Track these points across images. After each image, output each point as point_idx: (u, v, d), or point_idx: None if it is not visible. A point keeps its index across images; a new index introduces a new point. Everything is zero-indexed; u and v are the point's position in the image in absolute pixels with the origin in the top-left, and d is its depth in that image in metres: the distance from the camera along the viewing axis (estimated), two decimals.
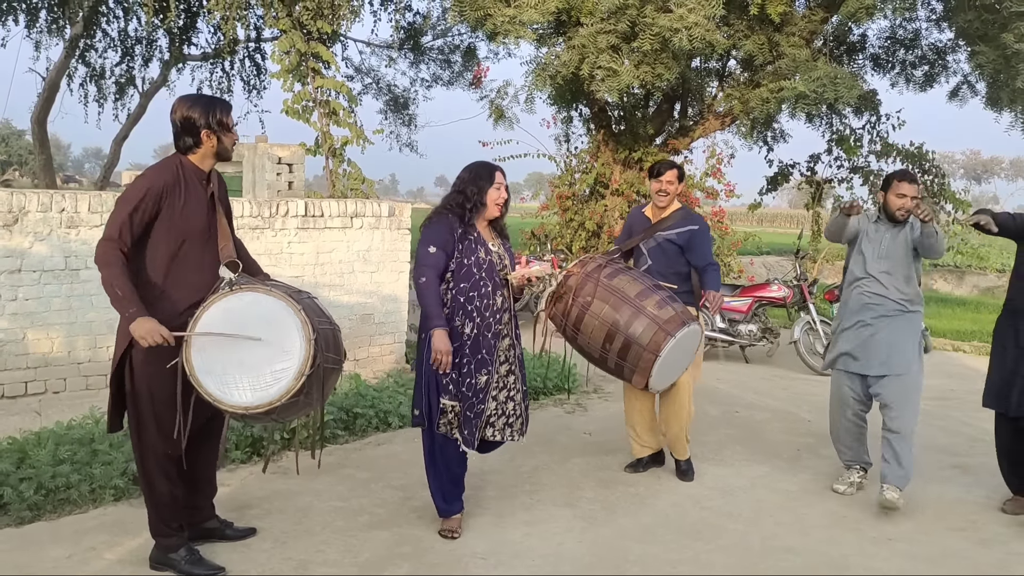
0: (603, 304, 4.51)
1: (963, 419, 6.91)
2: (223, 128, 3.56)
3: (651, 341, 4.41)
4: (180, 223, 3.48)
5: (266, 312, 3.37)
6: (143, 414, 3.50)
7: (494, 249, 4.12)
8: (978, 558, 4.19)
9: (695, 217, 5.16)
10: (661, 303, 4.53)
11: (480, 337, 4.01)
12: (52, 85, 14.60)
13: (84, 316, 6.03)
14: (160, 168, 3.54)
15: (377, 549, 3.98)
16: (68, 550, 3.80)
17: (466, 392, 4.02)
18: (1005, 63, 9.57)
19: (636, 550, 4.10)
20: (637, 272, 4.87)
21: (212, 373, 3.31)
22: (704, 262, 5.05)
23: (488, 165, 4.17)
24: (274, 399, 3.29)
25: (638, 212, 5.34)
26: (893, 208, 4.79)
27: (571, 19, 10.22)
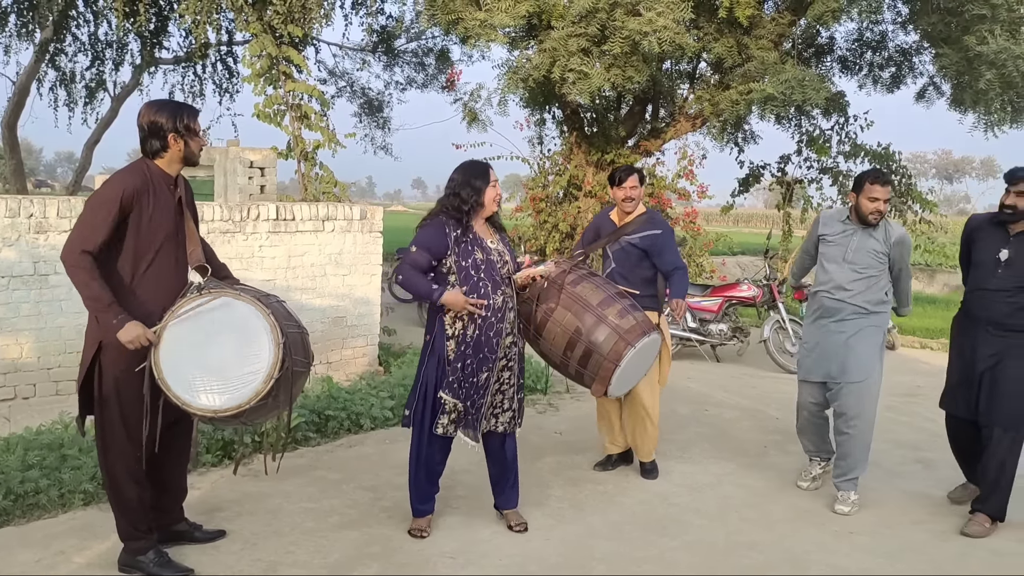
0: (566, 311, 4.45)
1: (927, 415, 7.03)
2: (190, 132, 3.58)
3: (611, 350, 4.39)
4: (149, 228, 3.50)
5: (235, 316, 3.40)
6: (111, 418, 3.52)
7: (493, 247, 4.15)
8: (937, 551, 4.29)
9: (659, 221, 5.18)
10: (623, 312, 4.51)
11: (482, 337, 4.04)
12: (22, 89, 14.49)
13: (54, 321, 6.02)
14: (128, 172, 3.56)
15: (346, 549, 4.02)
16: (37, 554, 3.80)
17: (468, 390, 4.05)
18: (967, 65, 9.75)
19: (603, 548, 4.16)
20: (601, 279, 4.82)
21: (180, 377, 3.33)
22: (670, 267, 5.05)
23: (480, 164, 4.20)
24: (243, 402, 3.32)
25: (604, 216, 5.38)
26: (866, 212, 4.75)
27: (542, 22, 10.29)
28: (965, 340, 4.73)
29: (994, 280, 4.55)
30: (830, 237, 4.95)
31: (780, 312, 9.18)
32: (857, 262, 4.80)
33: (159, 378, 3.32)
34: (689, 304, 9.41)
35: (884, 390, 5.47)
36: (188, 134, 3.58)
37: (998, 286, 4.53)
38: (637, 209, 5.21)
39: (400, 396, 6.33)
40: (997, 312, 4.54)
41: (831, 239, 4.94)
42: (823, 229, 5.02)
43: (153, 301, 3.49)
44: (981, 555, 4.26)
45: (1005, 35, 9.18)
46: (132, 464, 3.56)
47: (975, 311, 4.67)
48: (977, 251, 4.69)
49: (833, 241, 4.92)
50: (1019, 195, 4.45)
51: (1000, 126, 10.63)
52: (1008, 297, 4.50)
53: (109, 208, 3.40)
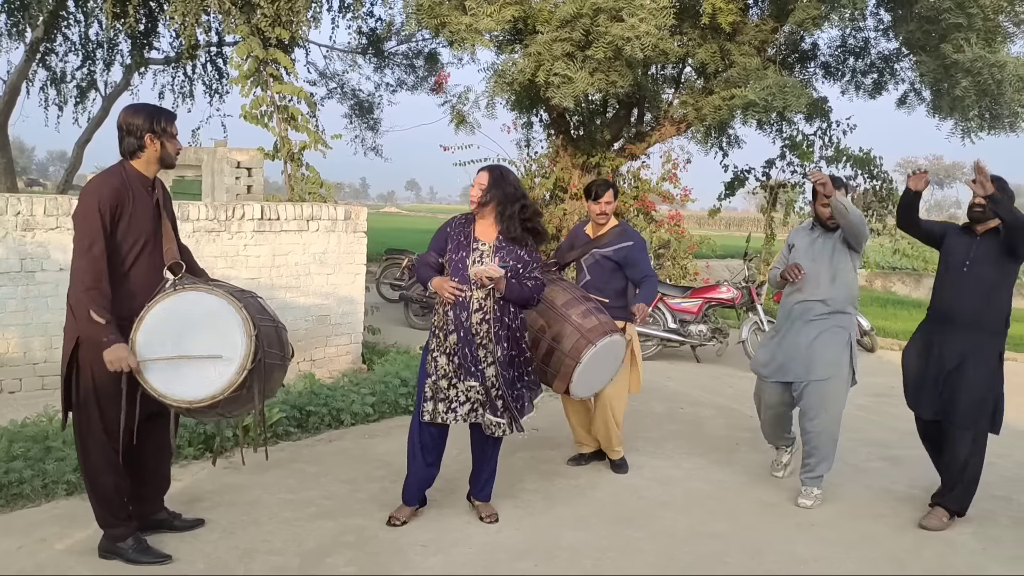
0: (532, 311, 4.67)
1: (899, 415, 7.14)
2: (166, 135, 3.71)
3: (572, 348, 4.56)
4: (128, 230, 3.62)
5: (208, 310, 3.53)
6: (89, 409, 3.64)
7: (482, 248, 4.24)
8: (893, 542, 4.44)
9: (631, 233, 5.33)
10: (586, 313, 4.68)
11: (450, 327, 4.20)
12: (12, 88, 14.55)
13: (40, 317, 6.13)
14: (106, 177, 3.66)
15: (321, 538, 4.14)
16: (19, 541, 3.92)
17: (438, 372, 4.23)
18: (945, 72, 9.94)
19: (569, 537, 4.30)
20: (569, 283, 5.04)
21: (157, 369, 3.46)
22: (641, 275, 5.20)
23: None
24: (216, 393, 3.45)
25: (579, 229, 5.51)
26: (823, 216, 4.99)
27: (528, 27, 10.45)
28: (932, 340, 4.84)
29: (961, 279, 4.70)
30: (798, 246, 5.17)
31: (758, 314, 9.35)
32: (817, 260, 4.99)
33: (136, 370, 3.44)
34: (670, 305, 9.57)
35: (858, 390, 5.64)
36: (165, 136, 3.71)
37: (964, 285, 4.68)
38: (610, 222, 5.35)
39: (381, 393, 6.46)
40: (963, 312, 4.68)
41: (798, 247, 5.15)
42: (792, 240, 5.28)
43: (134, 299, 3.61)
44: (935, 546, 4.40)
45: (981, 43, 9.38)
46: (110, 455, 3.67)
47: (942, 311, 4.81)
48: (945, 253, 4.86)
49: (800, 248, 5.14)
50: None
51: (977, 132, 10.82)
52: (974, 297, 4.65)
53: (92, 223, 3.50)
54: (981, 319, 4.66)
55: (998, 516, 4.90)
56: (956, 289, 4.72)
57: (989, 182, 4.41)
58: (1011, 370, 9.84)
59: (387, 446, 5.60)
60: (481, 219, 4.29)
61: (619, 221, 5.44)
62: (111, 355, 3.43)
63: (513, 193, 4.22)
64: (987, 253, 4.67)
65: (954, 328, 4.70)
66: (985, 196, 4.45)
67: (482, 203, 4.22)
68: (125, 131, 3.66)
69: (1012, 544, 4.50)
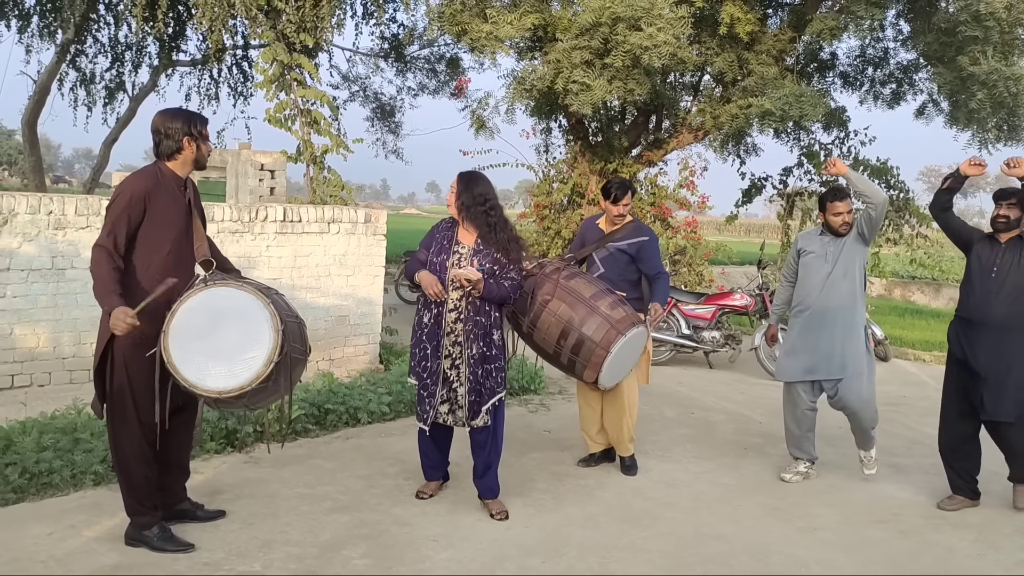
0: (560, 303, 4.87)
1: (907, 424, 7.28)
2: (202, 137, 3.96)
3: (603, 338, 4.78)
4: (161, 226, 3.82)
5: (238, 305, 3.71)
6: (123, 402, 3.82)
7: (461, 251, 4.49)
8: (894, 546, 4.54)
9: (645, 229, 5.55)
10: (614, 304, 4.91)
11: (429, 327, 4.49)
12: (43, 88, 14.87)
13: (69, 313, 6.33)
14: (141, 174, 3.89)
15: (337, 531, 4.30)
16: (49, 528, 4.10)
17: (422, 374, 4.53)
18: (962, 84, 9.97)
19: (577, 535, 4.43)
20: (591, 277, 5.24)
21: (188, 361, 3.64)
22: (654, 271, 5.44)
23: None
24: (245, 384, 3.62)
25: (591, 223, 5.70)
26: (835, 225, 5.33)
27: (547, 34, 10.59)
28: (965, 344, 5.10)
29: (989, 284, 4.99)
30: (810, 249, 5.43)
31: None
32: (838, 264, 5.28)
33: (168, 362, 3.62)
34: (684, 311, 9.67)
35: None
36: (200, 139, 3.95)
37: (993, 290, 4.97)
38: (625, 217, 5.53)
39: (397, 392, 6.61)
40: (994, 315, 4.96)
41: (812, 251, 5.42)
42: (801, 245, 5.54)
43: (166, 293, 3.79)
44: (936, 551, 4.50)
45: (997, 56, 9.41)
46: (142, 445, 3.86)
47: (973, 315, 5.08)
48: (972, 258, 5.13)
49: (814, 252, 5.39)
50: (1010, 207, 5.01)
51: (994, 144, 10.85)
52: (1003, 300, 4.93)
53: (125, 210, 3.74)
54: (1012, 319, 4.95)
55: (1000, 524, 4.98)
56: (985, 291, 4.99)
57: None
58: None
59: (402, 444, 5.75)
60: (463, 224, 4.54)
61: (633, 217, 5.63)
62: (114, 318, 3.58)
63: (478, 196, 4.47)
64: (1011, 258, 4.98)
65: (986, 329, 4.97)
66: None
67: (458, 207, 4.51)
68: (163, 134, 3.88)
69: (1011, 550, 4.59)
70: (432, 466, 4.86)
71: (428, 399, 4.53)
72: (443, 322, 4.45)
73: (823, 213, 5.38)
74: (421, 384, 4.55)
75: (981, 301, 5.03)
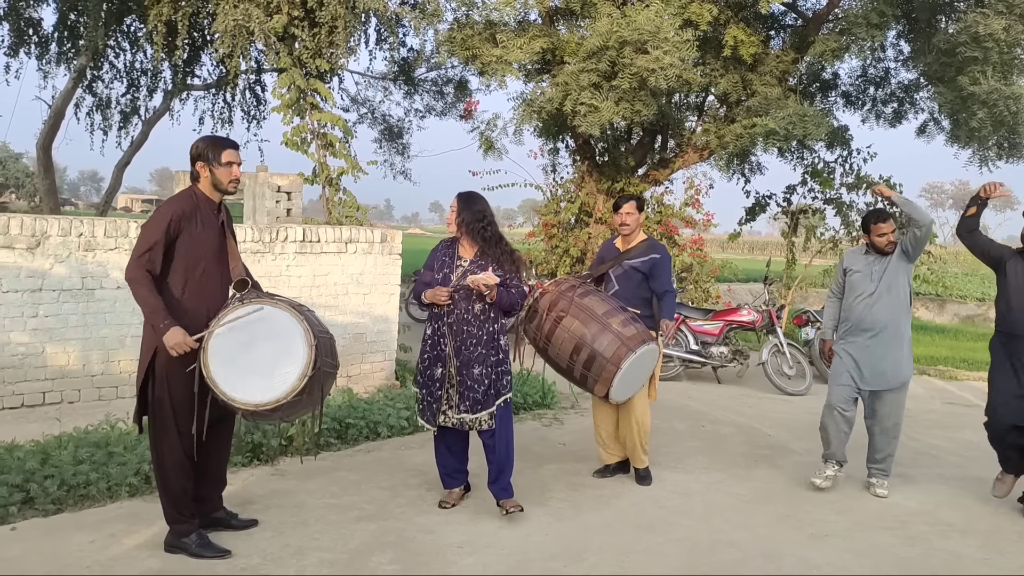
0: (574, 319, 5.09)
1: (913, 435, 7.42)
2: (215, 162, 4.11)
3: (614, 354, 4.97)
4: (196, 246, 4.04)
5: (273, 321, 3.92)
6: (164, 416, 4.01)
7: (464, 265, 4.80)
8: (901, 552, 4.70)
9: (658, 247, 5.74)
10: (626, 322, 5.11)
11: (437, 336, 4.79)
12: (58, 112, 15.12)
13: (98, 332, 6.53)
14: (179, 198, 4.14)
15: (365, 538, 4.47)
16: (91, 536, 4.28)
17: (426, 381, 4.84)
18: (962, 103, 10.21)
19: (596, 541, 4.60)
20: (605, 295, 5.45)
21: (226, 376, 3.83)
22: (662, 288, 5.60)
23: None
24: (281, 397, 3.82)
25: (609, 243, 5.93)
26: (881, 245, 5.57)
27: (556, 58, 10.85)
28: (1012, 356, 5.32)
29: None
30: (856, 268, 5.69)
31: (778, 336, 9.61)
32: (883, 281, 5.52)
33: (208, 377, 3.81)
34: (692, 327, 9.85)
35: None
36: (213, 163, 4.11)
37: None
38: (638, 236, 5.75)
39: (415, 408, 6.78)
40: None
41: (858, 270, 5.67)
42: (848, 264, 5.80)
43: (199, 311, 4.01)
44: (943, 557, 4.66)
45: (997, 76, 9.66)
46: (181, 456, 4.05)
47: (1015, 329, 5.31)
48: (1008, 275, 5.35)
49: (860, 271, 5.65)
50: None
51: (995, 161, 11.07)
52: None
53: (159, 232, 3.95)
54: None
55: (1005, 531, 5.13)
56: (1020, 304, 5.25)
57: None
58: None
59: (422, 457, 5.92)
60: (462, 240, 4.86)
61: (647, 236, 5.82)
62: (171, 339, 3.82)
63: (476, 213, 4.80)
64: None
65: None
66: None
67: (458, 224, 4.82)
68: (191, 160, 4.13)
69: (1016, 554, 4.74)
70: (448, 473, 5.06)
71: (433, 403, 4.81)
72: (449, 329, 4.74)
73: (867, 235, 5.63)
74: (427, 391, 4.83)
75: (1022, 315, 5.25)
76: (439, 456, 5.04)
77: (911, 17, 11.20)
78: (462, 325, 4.74)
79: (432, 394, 4.81)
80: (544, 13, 11.27)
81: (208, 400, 3.91)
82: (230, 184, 4.21)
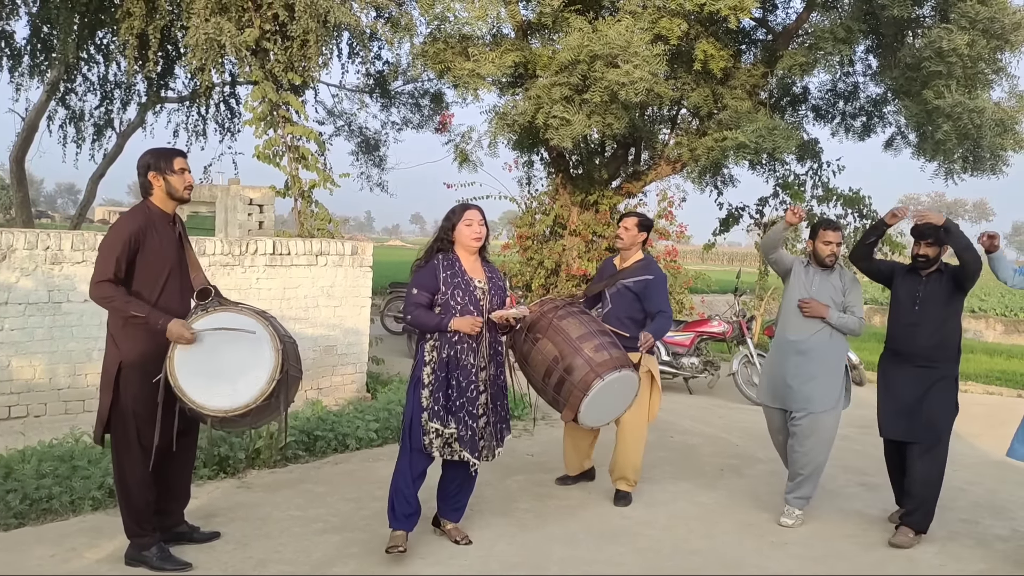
0: (548, 342, 4.99)
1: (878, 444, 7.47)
2: (167, 170, 4.10)
3: (582, 380, 4.84)
4: (156, 260, 4.05)
5: (238, 328, 3.95)
6: (127, 428, 4.01)
7: (479, 284, 4.47)
8: (860, 559, 4.77)
9: (653, 268, 5.65)
10: (599, 347, 4.94)
11: (457, 365, 4.39)
12: (31, 125, 15.07)
13: (65, 345, 6.50)
14: (132, 215, 4.13)
15: (328, 550, 4.49)
16: (52, 550, 4.27)
17: (451, 414, 4.37)
18: (927, 117, 10.38)
19: (559, 551, 4.63)
20: (588, 317, 5.27)
21: (194, 384, 3.86)
22: (655, 309, 5.49)
23: (462, 205, 4.60)
24: (250, 402, 3.87)
25: (609, 262, 5.90)
26: (822, 255, 5.32)
27: (528, 71, 10.94)
28: (893, 373, 5.23)
29: (912, 317, 5.10)
30: (794, 277, 5.47)
31: (749, 347, 9.70)
32: (819, 297, 5.30)
33: (175, 386, 3.84)
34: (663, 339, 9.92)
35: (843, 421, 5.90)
36: (166, 172, 4.10)
37: (916, 322, 5.09)
38: (635, 255, 5.69)
39: (384, 420, 6.81)
40: (917, 345, 5.08)
41: (795, 278, 5.45)
42: (796, 266, 5.52)
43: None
44: (899, 563, 4.74)
45: (961, 90, 9.83)
46: (144, 471, 4.04)
47: (899, 346, 5.21)
48: (896, 291, 5.27)
49: (799, 280, 5.42)
50: (928, 246, 5.09)
51: (960, 174, 11.26)
52: (925, 331, 5.06)
53: (118, 250, 3.94)
54: (934, 351, 5.07)
55: (962, 537, 5.22)
56: (909, 323, 5.12)
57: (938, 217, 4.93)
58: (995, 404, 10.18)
59: (390, 469, 5.77)
60: (466, 257, 4.51)
61: (644, 255, 5.76)
62: (174, 331, 3.86)
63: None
64: (932, 292, 5.10)
65: (911, 361, 5.10)
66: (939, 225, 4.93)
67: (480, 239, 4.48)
68: (138, 173, 4.14)
69: (972, 560, 4.83)
70: (411, 513, 4.46)
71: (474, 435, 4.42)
72: (476, 358, 4.42)
73: (813, 240, 5.36)
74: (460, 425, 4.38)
75: (905, 333, 5.13)
76: (405, 489, 4.43)
77: (878, 32, 11.37)
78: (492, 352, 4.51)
79: (467, 427, 4.39)
80: (517, 27, 11.36)
81: (175, 412, 3.92)
82: (185, 191, 4.19)
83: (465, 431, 4.40)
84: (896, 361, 5.22)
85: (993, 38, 9.70)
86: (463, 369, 4.41)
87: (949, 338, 5.12)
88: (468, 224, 4.50)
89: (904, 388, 5.13)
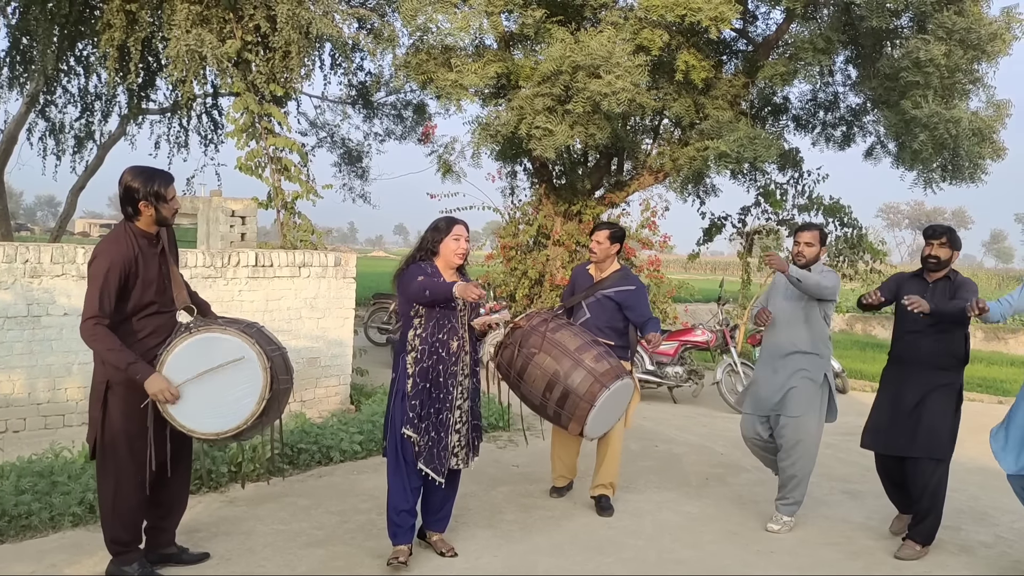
0: (546, 356, 4.97)
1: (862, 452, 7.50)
2: (160, 199, 3.94)
3: (587, 391, 4.86)
4: (142, 286, 3.94)
5: (225, 349, 3.91)
6: (118, 448, 3.94)
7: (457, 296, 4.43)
8: (844, 566, 4.78)
9: (632, 279, 5.64)
10: (598, 357, 4.98)
11: (439, 377, 4.37)
12: (10, 138, 14.94)
13: (44, 360, 6.44)
14: (115, 242, 3.92)
15: (312, 564, 4.45)
16: (31, 568, 4.21)
17: (428, 426, 4.36)
18: (905, 127, 10.48)
19: (544, 563, 4.62)
20: (578, 328, 5.30)
21: (183, 409, 3.83)
22: (643, 318, 5.50)
23: (448, 219, 4.59)
24: (240, 423, 3.86)
25: (582, 270, 5.82)
26: (793, 254, 5.38)
27: (511, 82, 10.97)
28: (896, 381, 5.18)
29: (917, 325, 5.01)
30: (776, 284, 5.51)
31: (732, 356, 9.73)
32: (789, 300, 5.32)
33: (164, 412, 3.80)
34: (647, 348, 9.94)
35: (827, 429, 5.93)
36: (158, 201, 3.94)
37: (920, 330, 5.02)
38: (612, 265, 5.66)
39: (368, 432, 6.77)
40: (921, 353, 5.04)
41: (776, 286, 5.50)
42: (775, 279, 5.57)
43: (150, 343, 3.95)
44: (884, 570, 4.75)
45: (938, 100, 9.94)
46: (136, 488, 3.98)
47: (903, 354, 5.17)
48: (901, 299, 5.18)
49: (777, 287, 5.47)
50: (940, 246, 5.05)
51: (939, 183, 11.38)
52: (929, 339, 5.01)
53: (107, 281, 3.81)
54: (937, 357, 5.02)
55: (946, 544, 5.24)
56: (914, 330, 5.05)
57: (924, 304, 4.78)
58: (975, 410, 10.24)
59: (374, 481, 5.90)
60: (445, 269, 4.50)
61: (621, 266, 5.73)
62: (153, 387, 3.76)
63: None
64: (941, 299, 4.99)
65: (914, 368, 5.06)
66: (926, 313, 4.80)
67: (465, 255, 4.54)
68: (123, 197, 3.94)
69: (956, 567, 4.85)
70: (410, 524, 4.47)
71: (441, 449, 4.40)
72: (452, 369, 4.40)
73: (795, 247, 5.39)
74: (429, 438, 4.37)
75: (909, 340, 5.09)
76: (404, 505, 4.41)
77: (857, 43, 11.49)
78: (471, 360, 4.48)
79: (439, 440, 4.37)
80: (499, 38, 11.40)
81: (167, 433, 3.89)
82: (173, 216, 4.09)
83: (435, 446, 4.37)
84: (899, 369, 5.17)
85: (970, 48, 9.82)
86: (446, 384, 4.39)
87: (954, 347, 5.04)
88: (456, 239, 4.51)
89: (905, 397, 5.08)
